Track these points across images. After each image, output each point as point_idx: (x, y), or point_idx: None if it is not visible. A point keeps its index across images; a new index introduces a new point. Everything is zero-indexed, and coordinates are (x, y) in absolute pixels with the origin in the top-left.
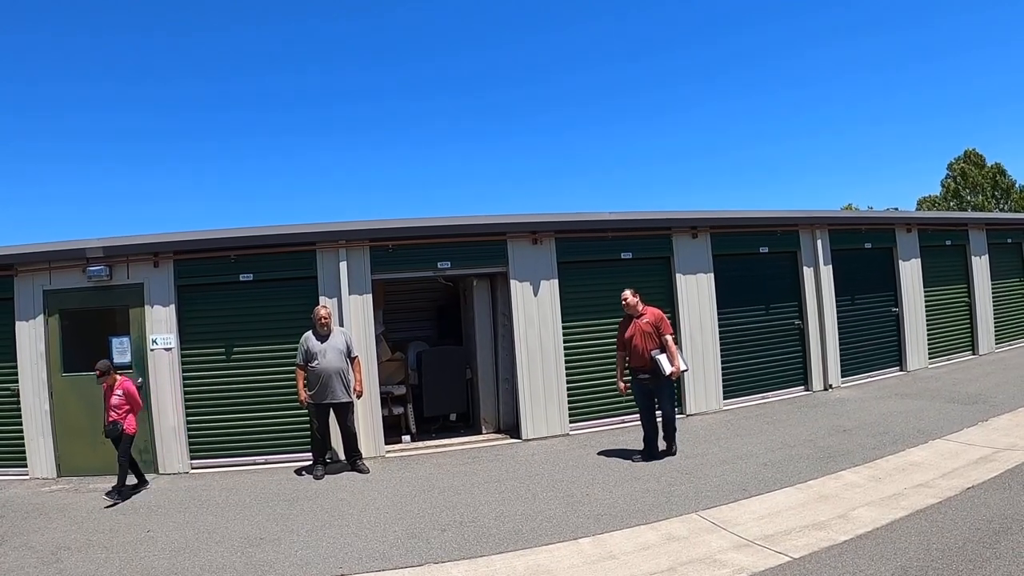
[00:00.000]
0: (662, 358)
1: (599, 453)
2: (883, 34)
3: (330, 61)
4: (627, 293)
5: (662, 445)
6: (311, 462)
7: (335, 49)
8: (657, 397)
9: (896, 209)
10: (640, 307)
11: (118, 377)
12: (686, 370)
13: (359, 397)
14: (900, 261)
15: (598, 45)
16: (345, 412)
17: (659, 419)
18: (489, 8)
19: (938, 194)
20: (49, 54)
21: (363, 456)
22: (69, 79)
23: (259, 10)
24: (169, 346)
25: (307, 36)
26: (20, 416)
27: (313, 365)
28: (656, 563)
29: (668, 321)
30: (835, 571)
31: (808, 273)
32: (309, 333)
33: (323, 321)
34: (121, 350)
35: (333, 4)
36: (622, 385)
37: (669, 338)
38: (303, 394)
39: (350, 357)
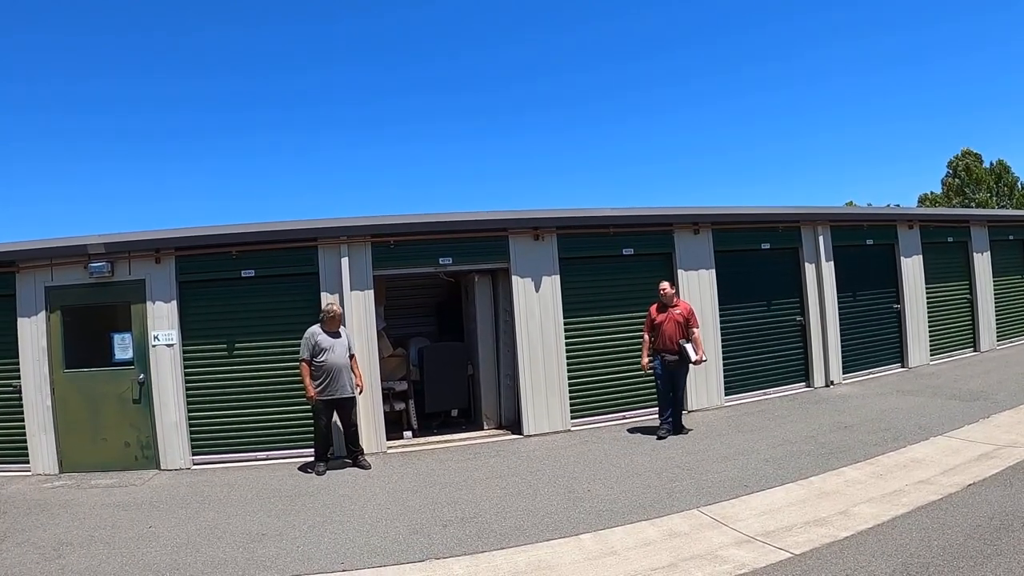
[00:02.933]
0: (688, 346)
1: (600, 449)
2: (884, 35)
3: (330, 60)
4: (665, 284)
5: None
6: (313, 458)
7: (335, 48)
8: (675, 379)
9: (897, 206)
10: (675, 298)
11: None
12: (705, 360)
13: (360, 392)
14: (902, 257)
15: (600, 44)
16: (350, 407)
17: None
18: (491, 7)
19: (939, 192)
20: (49, 53)
21: (364, 452)
22: (69, 78)
23: (259, 9)
24: (171, 342)
25: (307, 35)
26: (22, 412)
27: (321, 360)
28: (657, 559)
29: (696, 316)
30: (836, 567)
31: (810, 269)
32: (316, 328)
33: (337, 317)
34: (123, 346)
35: (333, 3)
36: (645, 360)
37: (696, 331)
38: (311, 389)
39: (350, 354)
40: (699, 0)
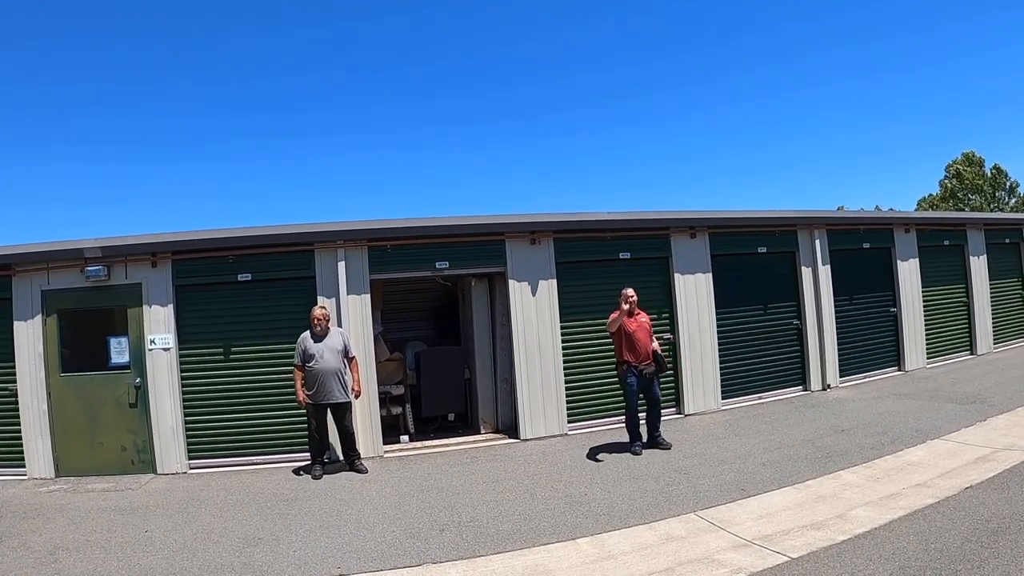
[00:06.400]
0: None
1: (597, 453)
2: (882, 39)
3: (328, 64)
4: (630, 290)
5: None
6: (309, 462)
7: (332, 52)
8: (652, 390)
9: (891, 209)
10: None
11: None
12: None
13: (357, 397)
14: (898, 261)
15: (597, 49)
16: (343, 412)
17: (643, 411)
18: (487, 12)
19: (937, 194)
20: (48, 55)
21: (361, 456)
22: (66, 80)
23: (257, 13)
24: (167, 346)
25: (305, 39)
26: (18, 416)
27: (310, 365)
28: (654, 563)
29: None
30: (833, 571)
31: (806, 273)
32: (307, 333)
33: (318, 321)
34: (119, 350)
35: (331, 8)
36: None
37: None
38: (301, 394)
39: (347, 357)
40: (695, 5)
